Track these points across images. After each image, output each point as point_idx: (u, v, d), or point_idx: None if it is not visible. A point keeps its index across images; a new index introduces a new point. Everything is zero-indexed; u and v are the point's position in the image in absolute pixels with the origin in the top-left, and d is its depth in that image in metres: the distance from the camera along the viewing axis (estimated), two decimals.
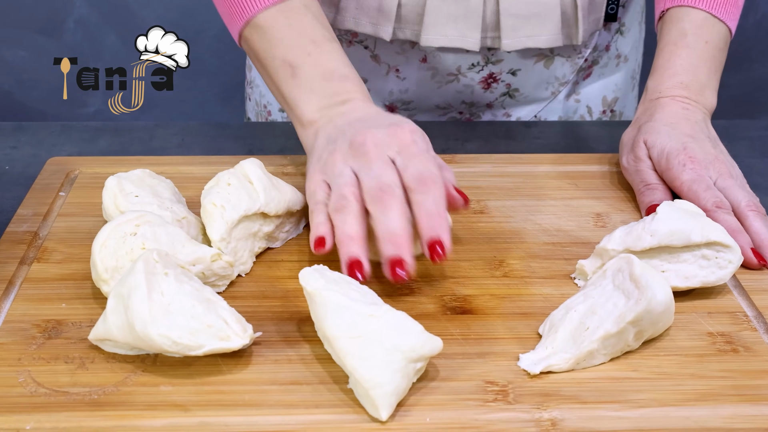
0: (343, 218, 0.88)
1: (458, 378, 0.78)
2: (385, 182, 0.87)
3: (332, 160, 0.91)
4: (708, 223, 0.88)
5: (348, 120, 0.95)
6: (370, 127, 0.91)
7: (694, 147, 1.00)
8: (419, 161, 0.88)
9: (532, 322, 0.85)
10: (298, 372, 0.79)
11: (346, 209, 0.88)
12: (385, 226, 0.85)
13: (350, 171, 0.90)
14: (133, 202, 0.92)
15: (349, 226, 0.87)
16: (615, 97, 1.36)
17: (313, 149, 0.96)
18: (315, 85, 0.99)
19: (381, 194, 0.86)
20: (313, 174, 0.93)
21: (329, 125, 0.96)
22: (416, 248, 0.87)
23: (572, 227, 1.00)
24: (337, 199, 0.89)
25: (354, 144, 0.90)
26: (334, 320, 0.76)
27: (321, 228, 0.89)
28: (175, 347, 0.76)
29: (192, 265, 0.86)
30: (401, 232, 0.85)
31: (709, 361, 0.81)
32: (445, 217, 0.86)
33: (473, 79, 1.26)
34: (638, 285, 0.79)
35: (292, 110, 1.01)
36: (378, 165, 0.88)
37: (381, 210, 0.86)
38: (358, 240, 0.87)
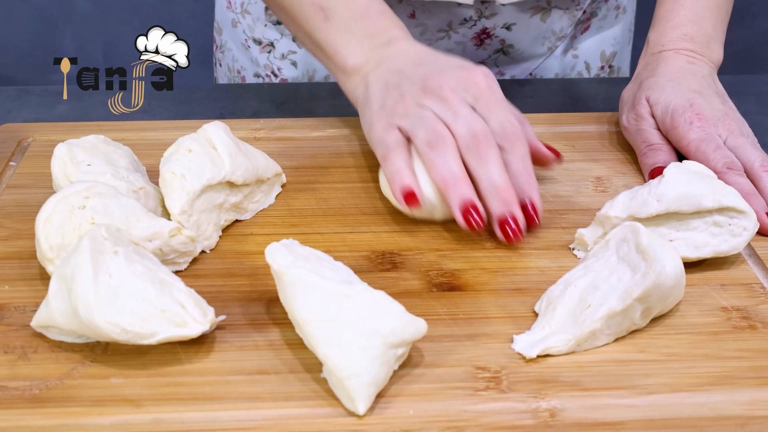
0: (442, 156, 0.80)
1: (445, 364, 0.71)
2: (478, 130, 0.81)
3: (404, 104, 0.84)
4: (720, 186, 0.80)
5: (403, 63, 0.88)
6: (438, 71, 0.85)
7: (701, 103, 0.92)
8: (500, 112, 0.83)
9: (528, 298, 0.78)
10: (265, 360, 0.71)
11: (445, 145, 0.80)
12: (489, 179, 0.79)
13: (431, 113, 0.82)
14: (85, 171, 0.84)
15: (453, 164, 0.80)
16: (613, 51, 1.29)
17: (368, 98, 0.88)
18: (352, 25, 0.92)
19: (477, 143, 0.80)
20: (377, 120, 0.85)
21: (381, 69, 0.88)
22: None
23: (570, 192, 0.93)
24: (428, 134, 0.81)
25: (428, 88, 0.83)
26: (304, 301, 0.68)
27: (405, 176, 0.81)
28: (125, 335, 0.68)
29: (148, 241, 0.78)
30: (506, 184, 0.79)
31: (724, 339, 0.74)
32: (533, 176, 0.81)
33: (465, 35, 1.19)
34: (645, 257, 0.71)
35: (331, 58, 0.93)
36: (464, 111, 0.82)
37: (480, 161, 0.80)
38: (467, 180, 0.80)
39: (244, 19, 1.26)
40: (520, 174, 0.81)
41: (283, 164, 0.95)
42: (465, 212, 0.79)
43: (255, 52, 1.26)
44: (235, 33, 1.28)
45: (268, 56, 1.25)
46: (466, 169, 0.81)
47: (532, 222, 0.80)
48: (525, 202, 0.80)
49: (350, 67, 0.91)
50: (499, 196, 0.79)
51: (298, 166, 0.96)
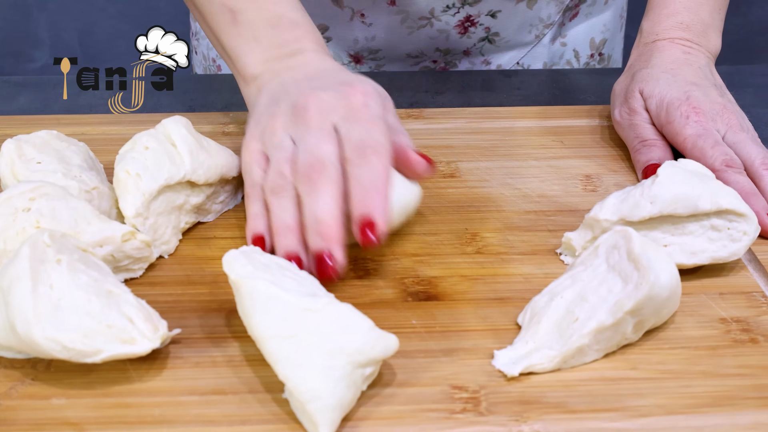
0: (279, 203, 0.75)
1: (419, 383, 0.65)
2: (318, 157, 0.74)
3: (272, 127, 0.79)
4: (718, 187, 0.75)
5: (296, 76, 0.82)
6: (316, 88, 0.79)
7: (698, 96, 0.87)
8: (363, 127, 0.75)
9: (510, 309, 0.72)
10: (223, 378, 0.65)
11: (285, 192, 0.75)
12: (311, 211, 0.73)
13: (290, 141, 0.77)
14: (34, 169, 0.78)
15: (287, 213, 0.74)
16: (603, 38, 1.24)
17: (254, 109, 0.84)
18: (259, 33, 0.86)
19: (311, 172, 0.73)
20: (249, 141, 0.80)
21: (275, 81, 0.83)
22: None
23: (557, 192, 0.87)
24: (274, 177, 0.76)
25: (296, 108, 0.78)
26: (263, 316, 0.62)
27: (258, 222, 0.76)
28: (66, 353, 0.62)
29: (99, 246, 0.72)
30: (329, 219, 0.72)
31: (723, 354, 0.68)
32: (382, 191, 0.72)
33: (448, 23, 1.14)
34: (638, 265, 0.65)
35: (233, 63, 0.88)
36: (315, 135, 0.76)
37: (308, 191, 0.73)
38: (297, 231, 0.74)
39: None
40: (366, 189, 0.72)
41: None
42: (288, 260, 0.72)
43: None
44: None
45: None
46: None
47: (371, 241, 0.71)
48: (366, 219, 0.71)
49: (248, 75, 0.86)
50: (318, 230, 0.72)
51: None
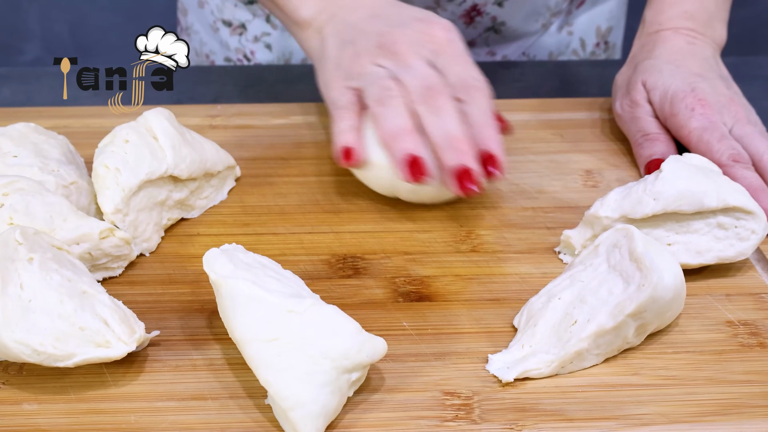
0: (388, 111, 0.76)
1: (409, 388, 0.62)
2: (431, 81, 0.76)
3: (359, 63, 0.80)
4: (725, 183, 0.72)
5: (360, 16, 0.83)
6: (395, 25, 0.80)
7: (704, 87, 0.84)
8: (460, 65, 0.78)
9: (506, 310, 0.69)
10: (203, 382, 0.62)
11: (392, 100, 0.76)
12: (441, 129, 0.74)
13: (385, 71, 0.78)
14: (10, 163, 0.75)
15: (400, 118, 0.75)
16: (609, 26, 1.21)
17: (324, 55, 0.83)
18: None
19: (430, 93, 0.76)
20: (334, 81, 0.81)
21: (336, 22, 0.83)
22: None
23: (557, 188, 0.84)
24: (378, 90, 0.77)
25: (383, 45, 0.79)
26: (244, 318, 0.59)
27: (347, 136, 0.77)
28: (37, 357, 0.59)
29: (75, 244, 0.69)
30: (462, 136, 0.74)
31: (729, 359, 0.65)
32: (495, 127, 0.75)
33: (454, 12, 1.11)
34: (640, 266, 0.62)
35: (282, 9, 0.88)
36: (418, 65, 0.78)
37: (433, 111, 0.75)
38: (413, 133, 0.75)
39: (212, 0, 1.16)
40: (480, 124, 0.75)
41: (239, 155, 0.86)
42: (408, 165, 0.73)
43: (225, 35, 1.17)
44: (202, 14, 1.19)
45: (239, 39, 1.16)
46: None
47: (493, 174, 0.73)
48: (485, 153, 0.73)
49: (302, 19, 0.86)
50: (453, 146, 0.73)
51: (255, 157, 0.87)
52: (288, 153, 0.88)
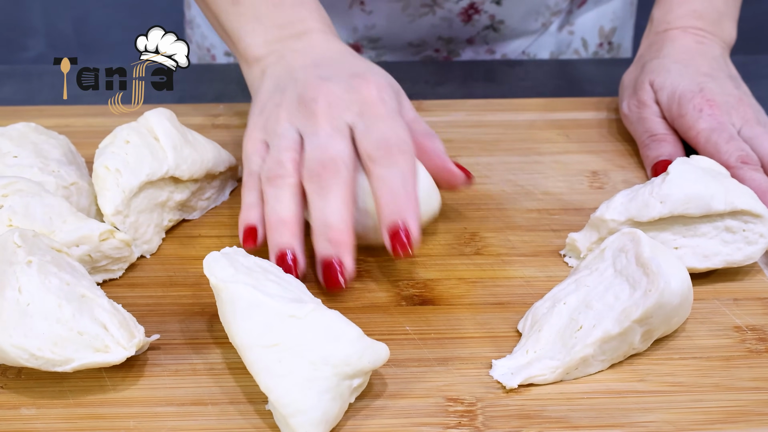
0: (275, 193, 0.71)
1: (411, 394, 0.61)
2: (330, 155, 0.70)
3: (276, 116, 0.75)
4: (733, 186, 0.71)
5: (303, 62, 0.78)
6: (325, 78, 0.75)
7: (712, 88, 0.83)
8: (385, 125, 0.72)
9: (510, 315, 0.68)
10: (203, 387, 0.62)
11: (281, 181, 0.71)
12: (321, 214, 0.69)
13: (295, 133, 0.73)
14: (10, 164, 0.74)
15: (282, 205, 0.70)
16: (613, 26, 1.20)
17: (257, 95, 0.80)
18: (262, 12, 0.82)
19: (321, 171, 0.69)
20: (252, 130, 0.76)
21: (280, 65, 0.79)
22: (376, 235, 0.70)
23: (562, 189, 0.83)
24: (272, 165, 0.72)
25: (304, 99, 0.74)
26: (244, 323, 0.58)
27: (251, 213, 0.72)
28: (35, 361, 0.58)
29: (75, 246, 0.68)
30: (341, 224, 0.68)
31: (737, 365, 0.64)
32: (413, 196, 0.69)
33: (451, 10, 1.10)
34: (647, 271, 0.61)
35: (235, 45, 0.84)
36: (326, 131, 0.72)
37: (318, 192, 0.69)
38: (292, 225, 0.70)
39: None
40: (396, 193, 0.69)
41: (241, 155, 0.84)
42: (279, 261, 0.68)
43: None
44: None
45: None
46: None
47: (405, 251, 0.67)
48: (398, 226, 0.68)
49: (251, 57, 0.81)
50: (328, 235, 0.68)
51: None
52: None
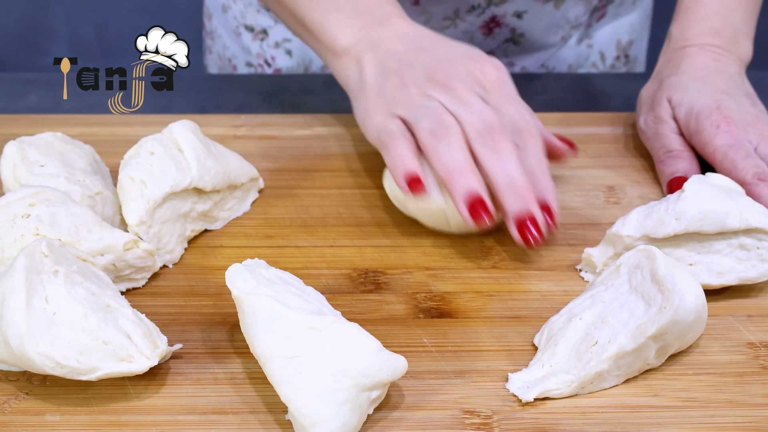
0: (446, 146, 0.73)
1: (428, 406, 0.62)
2: (492, 121, 0.74)
3: (406, 93, 0.77)
4: (748, 204, 0.71)
5: (402, 47, 0.80)
6: (443, 60, 0.78)
7: (729, 105, 0.83)
8: (512, 106, 0.77)
9: (526, 328, 0.69)
10: (224, 396, 0.63)
11: (451, 135, 0.73)
12: (503, 171, 0.72)
13: (438, 103, 0.75)
14: (37, 173, 0.75)
15: (459, 153, 0.72)
16: (630, 39, 1.20)
17: (364, 83, 0.80)
18: (340, 2, 0.84)
19: (491, 133, 0.73)
20: (375, 108, 0.78)
21: (376, 52, 0.81)
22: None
23: (578, 204, 0.83)
24: (433, 123, 0.74)
25: (434, 78, 0.77)
26: (265, 335, 0.59)
27: (409, 161, 0.74)
28: (60, 370, 0.59)
29: (100, 255, 0.69)
30: (524, 181, 0.72)
31: (751, 381, 0.64)
32: (549, 177, 0.74)
33: (473, 24, 1.11)
34: (662, 288, 0.62)
35: (318, 38, 0.85)
36: (476, 102, 0.75)
37: (494, 151, 0.72)
38: (475, 171, 0.72)
39: (235, 4, 1.17)
40: (535, 174, 0.73)
41: (263, 166, 0.86)
42: (471, 206, 0.71)
43: (247, 40, 1.17)
44: (226, 19, 1.19)
45: (260, 44, 1.16)
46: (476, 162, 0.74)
47: (548, 226, 0.72)
48: (541, 203, 0.72)
49: (340, 48, 0.83)
50: (517, 192, 0.71)
51: (279, 168, 0.87)
52: (311, 165, 0.88)
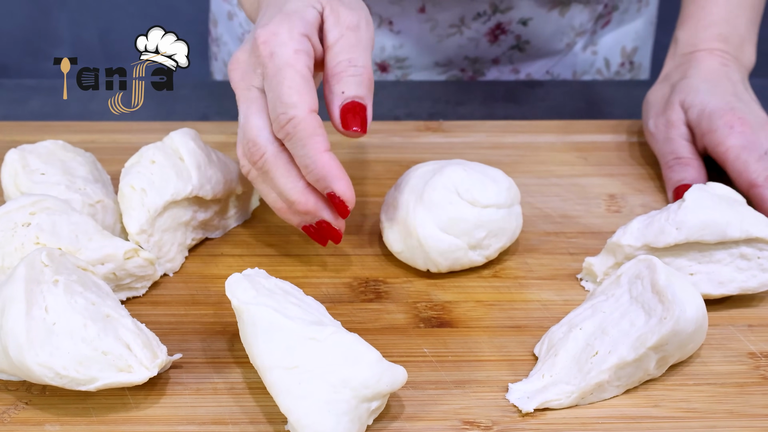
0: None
1: (428, 416, 0.62)
2: (251, 142, 0.73)
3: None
4: (749, 213, 0.71)
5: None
6: (245, 40, 0.75)
7: (742, 108, 0.84)
8: (275, 92, 0.70)
9: (527, 338, 0.68)
10: (224, 406, 0.63)
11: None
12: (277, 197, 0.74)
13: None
14: (38, 181, 0.75)
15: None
16: (635, 46, 1.20)
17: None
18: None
19: (254, 162, 0.73)
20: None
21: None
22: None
23: (580, 212, 0.83)
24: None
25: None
26: (265, 345, 0.59)
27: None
28: (59, 380, 0.59)
29: (100, 264, 0.69)
30: (299, 197, 0.72)
31: (751, 392, 0.64)
32: (322, 162, 0.69)
33: (479, 31, 1.11)
34: (662, 298, 0.62)
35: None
36: (245, 115, 0.74)
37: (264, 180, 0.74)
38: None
39: (240, 12, 1.17)
40: (307, 168, 0.69)
41: None
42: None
43: None
44: (231, 26, 1.20)
45: None
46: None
47: (343, 212, 0.69)
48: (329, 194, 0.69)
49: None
50: (296, 212, 0.72)
51: None
52: None
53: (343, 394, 0.57)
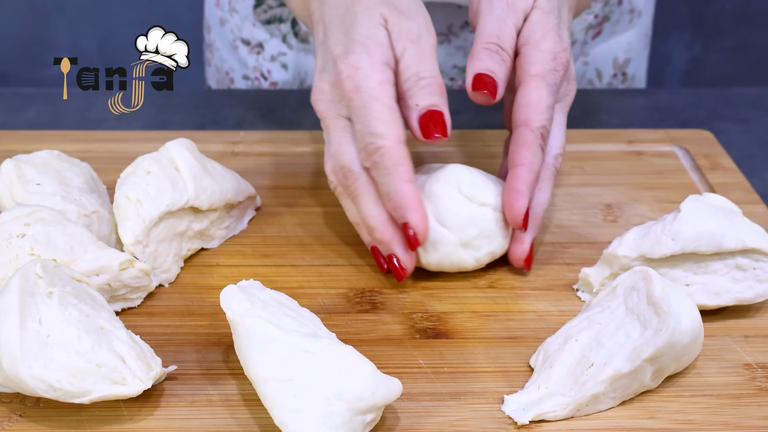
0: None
1: (423, 428, 0.62)
2: (341, 164, 0.76)
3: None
4: (744, 224, 0.71)
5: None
6: (320, 69, 0.76)
7: None
8: (362, 122, 0.72)
9: (523, 349, 0.68)
10: (218, 419, 0.62)
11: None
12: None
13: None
14: (33, 191, 0.75)
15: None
16: (627, 58, 1.19)
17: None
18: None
19: (345, 183, 0.76)
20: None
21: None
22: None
23: (576, 222, 0.83)
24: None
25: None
26: (260, 357, 0.59)
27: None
28: (53, 393, 0.59)
29: (95, 275, 0.69)
30: (377, 223, 0.75)
31: (747, 403, 0.64)
32: (403, 192, 0.72)
33: (467, 39, 1.10)
34: (658, 310, 0.62)
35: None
36: (332, 140, 0.76)
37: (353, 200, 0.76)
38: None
39: (232, 18, 1.17)
40: (388, 196, 0.72)
41: (261, 183, 0.86)
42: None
43: (243, 53, 1.18)
44: (223, 32, 1.20)
45: (257, 58, 1.17)
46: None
47: (413, 244, 0.71)
48: (403, 224, 0.71)
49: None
50: (373, 238, 0.74)
51: (277, 186, 0.87)
52: (309, 182, 0.88)
53: (338, 406, 0.57)
